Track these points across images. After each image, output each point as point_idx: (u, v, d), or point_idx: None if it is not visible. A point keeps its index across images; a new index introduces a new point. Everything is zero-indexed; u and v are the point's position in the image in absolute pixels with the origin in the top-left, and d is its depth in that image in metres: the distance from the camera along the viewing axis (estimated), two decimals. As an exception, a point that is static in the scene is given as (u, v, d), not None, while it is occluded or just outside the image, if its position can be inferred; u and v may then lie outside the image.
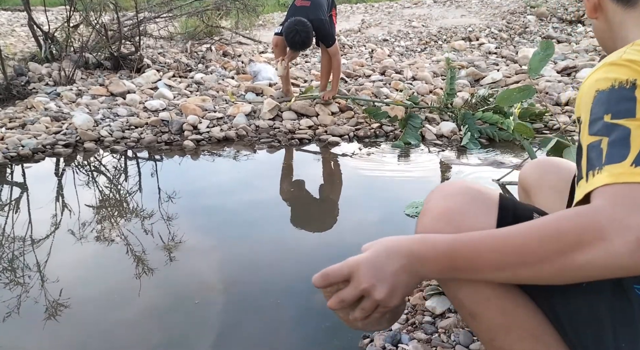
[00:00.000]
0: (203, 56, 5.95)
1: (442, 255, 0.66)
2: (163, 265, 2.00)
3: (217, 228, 2.37)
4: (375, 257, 0.68)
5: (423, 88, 4.49)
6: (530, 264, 0.61)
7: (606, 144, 0.61)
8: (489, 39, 7.43)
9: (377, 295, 0.67)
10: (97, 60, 5.31)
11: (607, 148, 0.61)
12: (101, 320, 1.66)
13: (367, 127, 3.79)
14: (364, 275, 0.68)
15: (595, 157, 0.62)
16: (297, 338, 1.56)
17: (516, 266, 0.62)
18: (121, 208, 2.67)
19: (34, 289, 1.84)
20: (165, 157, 3.37)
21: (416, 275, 0.67)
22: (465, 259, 0.65)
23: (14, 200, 2.71)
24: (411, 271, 0.67)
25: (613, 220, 0.56)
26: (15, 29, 8.42)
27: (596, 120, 0.64)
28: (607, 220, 0.56)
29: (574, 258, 0.58)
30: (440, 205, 0.75)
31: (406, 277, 0.67)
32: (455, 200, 0.75)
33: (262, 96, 4.32)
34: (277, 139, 3.62)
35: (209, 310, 1.70)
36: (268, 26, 8.90)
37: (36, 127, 3.58)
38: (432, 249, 0.66)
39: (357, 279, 0.68)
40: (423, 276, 0.68)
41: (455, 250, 0.65)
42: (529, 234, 0.61)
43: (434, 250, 0.66)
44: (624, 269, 0.56)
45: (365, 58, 6.28)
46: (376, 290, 0.67)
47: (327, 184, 3.04)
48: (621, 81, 0.64)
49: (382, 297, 0.67)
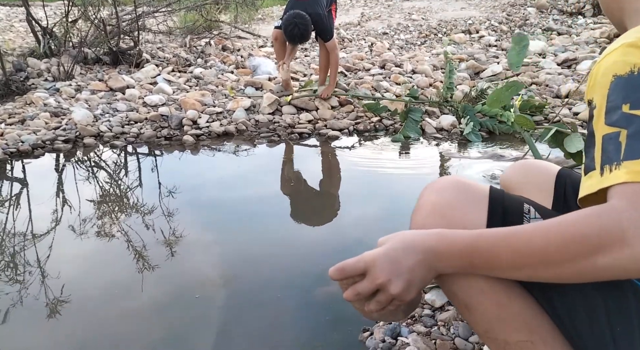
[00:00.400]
0: (202, 51, 5.94)
1: (460, 253, 0.66)
2: (163, 259, 2.01)
3: (217, 222, 2.38)
4: (392, 251, 0.68)
5: (423, 81, 4.48)
6: (551, 265, 0.60)
7: (625, 137, 0.58)
8: (489, 31, 7.40)
9: (392, 289, 0.67)
10: (96, 56, 5.30)
11: (626, 141, 0.58)
12: (102, 315, 1.66)
13: (367, 121, 3.78)
14: (381, 270, 0.68)
15: (613, 150, 0.59)
16: (298, 331, 1.56)
17: (536, 267, 0.62)
18: (121, 203, 2.67)
19: (35, 284, 1.85)
20: (165, 152, 3.37)
21: (432, 270, 0.67)
22: (483, 258, 0.65)
23: (15, 196, 2.71)
24: (428, 266, 0.67)
25: (636, 223, 0.55)
26: (14, 25, 8.40)
27: (614, 109, 0.60)
28: (630, 224, 0.55)
29: (596, 261, 0.57)
30: (431, 201, 0.75)
31: (422, 272, 0.67)
32: (445, 194, 0.75)
33: (261, 90, 4.31)
34: (276, 134, 3.61)
35: (209, 304, 1.71)
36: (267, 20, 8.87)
37: (36, 123, 3.58)
38: (450, 246, 0.66)
39: (374, 273, 0.68)
40: (439, 271, 0.68)
41: (474, 249, 0.65)
42: (551, 235, 0.60)
43: (452, 247, 0.66)
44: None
45: (365, 51, 6.26)
46: (392, 284, 0.67)
47: (327, 178, 3.04)
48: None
49: (398, 291, 0.67)
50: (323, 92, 3.95)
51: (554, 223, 0.61)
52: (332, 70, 3.96)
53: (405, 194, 2.48)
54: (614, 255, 0.56)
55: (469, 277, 0.70)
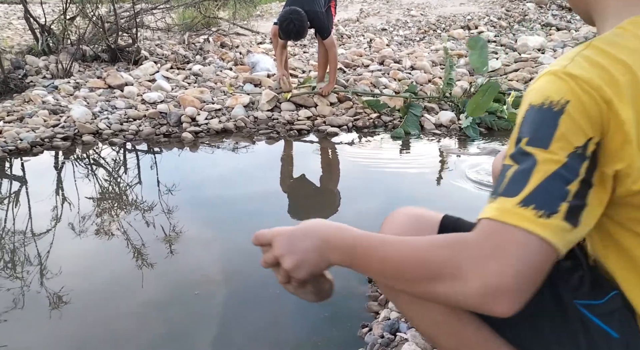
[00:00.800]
0: (201, 47, 5.92)
1: (345, 250, 0.68)
2: (163, 256, 2.01)
3: (216, 219, 2.38)
4: (295, 230, 0.73)
5: (422, 77, 4.48)
6: (403, 280, 0.63)
7: (512, 173, 0.58)
8: (488, 27, 7.39)
9: (285, 264, 0.72)
10: (95, 53, 5.29)
11: (510, 176, 0.58)
12: (102, 312, 1.67)
13: (366, 118, 3.78)
14: (280, 244, 0.73)
15: (500, 181, 0.59)
16: (297, 328, 1.57)
17: (393, 279, 0.64)
18: (120, 201, 2.68)
19: (35, 281, 1.85)
20: (164, 149, 3.37)
21: (325, 258, 0.70)
22: (359, 260, 0.67)
23: (14, 194, 2.71)
24: (320, 253, 0.70)
25: (474, 261, 0.56)
26: (12, 22, 8.37)
27: (518, 141, 0.59)
28: (469, 260, 0.56)
29: (435, 287, 0.59)
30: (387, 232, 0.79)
31: (314, 256, 0.70)
32: (396, 227, 0.79)
33: (260, 87, 4.31)
34: (275, 130, 3.61)
35: (209, 301, 1.71)
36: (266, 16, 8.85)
37: (34, 121, 3.58)
38: (340, 241, 0.69)
39: (274, 246, 0.74)
40: (331, 262, 0.70)
41: (354, 250, 0.67)
42: (406, 254, 0.62)
43: (341, 243, 0.69)
44: (476, 308, 0.57)
45: (364, 48, 6.25)
46: (285, 259, 0.72)
47: (326, 174, 3.04)
48: (552, 101, 0.58)
49: (289, 267, 0.71)
50: (323, 89, 3.95)
51: (417, 243, 0.63)
52: (331, 68, 3.95)
53: (404, 190, 2.49)
54: (449, 287, 0.57)
55: (421, 310, 0.74)
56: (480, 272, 0.55)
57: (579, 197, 0.56)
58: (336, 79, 4.07)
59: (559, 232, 0.55)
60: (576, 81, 0.57)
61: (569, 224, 0.55)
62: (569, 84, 0.57)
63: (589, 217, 0.57)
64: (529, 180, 0.56)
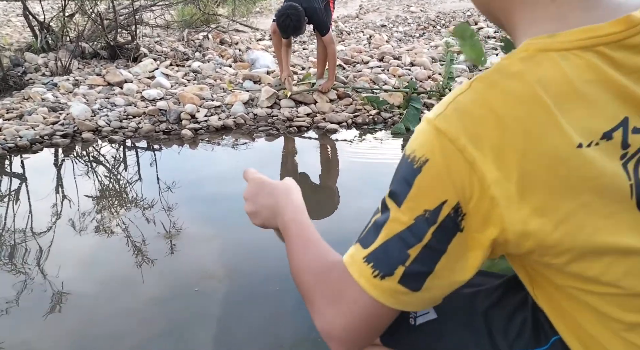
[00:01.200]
0: (200, 44, 5.91)
1: (282, 226, 0.75)
2: (163, 253, 2.01)
3: (216, 216, 2.38)
4: (265, 184, 0.81)
5: (421, 74, 4.47)
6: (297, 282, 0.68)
7: (373, 221, 0.59)
8: (488, 23, 7.37)
9: (245, 207, 0.82)
10: (94, 50, 5.28)
11: (370, 225, 0.59)
12: (102, 308, 1.67)
13: (366, 114, 3.78)
14: (248, 188, 0.82)
15: (365, 225, 0.60)
16: (297, 324, 1.57)
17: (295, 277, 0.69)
18: (120, 198, 2.68)
19: (36, 278, 1.86)
20: (164, 146, 3.37)
21: (273, 221, 0.78)
22: (286, 240, 0.73)
23: (14, 192, 2.71)
24: (272, 214, 0.78)
25: (322, 299, 0.61)
26: (11, 19, 8.37)
27: (388, 188, 0.58)
28: (320, 297, 0.61)
29: (311, 308, 0.63)
30: None
31: (267, 213, 0.78)
32: None
33: (260, 84, 4.30)
34: (275, 127, 3.61)
35: (209, 297, 1.72)
36: (265, 13, 8.83)
37: (34, 118, 3.58)
38: (283, 217, 0.75)
39: (247, 187, 0.83)
40: (277, 224, 0.77)
41: (284, 231, 0.74)
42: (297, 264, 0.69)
43: (282, 219, 0.75)
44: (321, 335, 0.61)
45: (364, 44, 6.24)
46: (246, 204, 0.82)
47: (326, 171, 3.04)
48: (415, 156, 0.54)
49: (247, 210, 0.82)
50: (323, 85, 3.94)
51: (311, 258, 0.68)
52: (330, 65, 3.94)
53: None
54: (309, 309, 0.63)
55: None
56: (320, 314, 0.60)
57: (420, 262, 0.54)
58: (335, 75, 4.06)
59: (392, 293, 0.55)
60: (440, 138, 0.51)
61: (404, 288, 0.55)
62: (433, 140, 0.52)
63: (440, 283, 0.55)
64: (378, 237, 0.56)
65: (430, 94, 3.99)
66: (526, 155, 0.49)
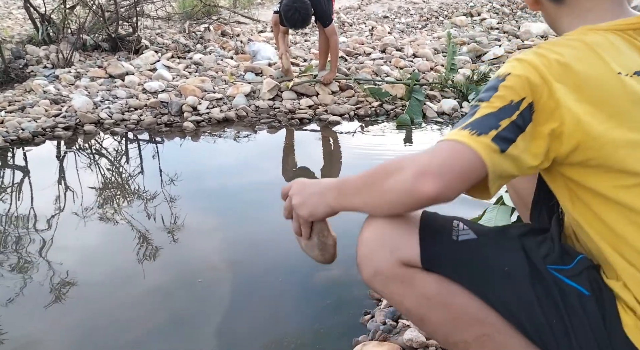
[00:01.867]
0: (201, 36, 5.89)
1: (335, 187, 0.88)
2: (166, 245, 2.01)
3: (219, 209, 2.38)
4: (307, 180, 0.94)
5: (424, 65, 4.45)
6: (367, 189, 0.81)
7: (461, 119, 0.77)
8: (491, 14, 7.33)
9: (293, 201, 0.93)
10: (95, 42, 5.27)
11: (461, 118, 0.77)
12: (106, 300, 1.68)
13: (368, 106, 3.76)
14: (294, 187, 0.94)
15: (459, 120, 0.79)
16: (300, 315, 1.58)
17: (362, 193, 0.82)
18: (123, 190, 2.68)
19: (40, 270, 1.86)
20: (166, 138, 3.36)
21: (323, 201, 0.89)
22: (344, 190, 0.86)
23: (16, 184, 2.72)
24: (320, 196, 0.89)
25: (415, 157, 0.74)
26: (12, 12, 8.34)
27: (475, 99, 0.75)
28: (413, 158, 0.75)
29: (388, 182, 0.76)
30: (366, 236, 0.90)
31: (316, 199, 0.90)
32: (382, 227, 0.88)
33: (261, 76, 4.29)
34: (277, 119, 3.60)
35: (212, 289, 1.72)
36: (267, 5, 8.78)
37: (35, 110, 3.57)
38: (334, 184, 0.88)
39: (291, 188, 0.94)
40: (327, 202, 0.88)
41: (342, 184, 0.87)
42: (372, 169, 0.81)
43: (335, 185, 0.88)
44: (411, 192, 0.73)
45: (366, 36, 6.21)
46: (294, 198, 0.93)
47: (328, 163, 3.04)
48: (500, 74, 0.76)
49: (295, 203, 0.92)
50: (325, 77, 3.92)
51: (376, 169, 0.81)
52: (332, 56, 3.93)
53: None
54: (396, 177, 0.75)
55: (414, 288, 0.83)
56: (416, 162, 0.73)
57: (508, 131, 0.71)
58: (337, 67, 4.05)
59: (485, 147, 0.70)
60: (521, 62, 0.75)
61: (495, 145, 0.71)
62: (515, 64, 0.75)
63: (518, 155, 0.72)
64: (472, 117, 0.74)
65: (432, 85, 3.98)
66: (582, 76, 0.72)
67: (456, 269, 0.82)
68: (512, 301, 0.78)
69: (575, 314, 0.76)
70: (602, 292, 0.77)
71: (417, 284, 0.82)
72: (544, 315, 0.77)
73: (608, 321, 0.75)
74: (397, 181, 0.74)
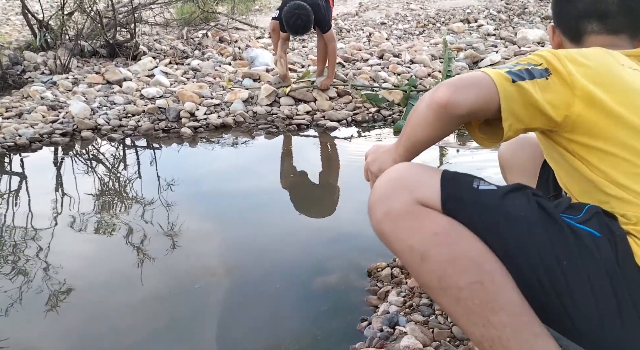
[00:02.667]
0: (199, 42, 5.90)
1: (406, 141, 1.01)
2: (164, 251, 2.01)
3: (216, 214, 2.38)
4: (378, 144, 1.14)
5: (421, 71, 4.46)
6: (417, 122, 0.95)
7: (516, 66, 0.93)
8: (488, 20, 7.36)
9: (367, 160, 1.13)
10: (93, 48, 5.27)
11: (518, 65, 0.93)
12: (104, 306, 1.67)
13: (365, 112, 3.77)
14: (371, 148, 1.15)
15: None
16: (297, 321, 1.57)
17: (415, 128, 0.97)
18: (120, 196, 2.67)
19: (37, 276, 1.85)
20: (163, 144, 3.36)
21: (392, 157, 1.04)
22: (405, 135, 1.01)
23: (14, 190, 2.71)
24: (389, 154, 1.06)
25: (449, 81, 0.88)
26: (10, 18, 8.35)
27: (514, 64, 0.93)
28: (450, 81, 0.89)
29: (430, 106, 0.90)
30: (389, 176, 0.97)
31: (386, 156, 1.06)
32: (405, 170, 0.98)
33: (259, 82, 4.30)
34: (275, 125, 3.60)
35: (209, 294, 1.72)
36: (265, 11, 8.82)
37: (33, 117, 3.57)
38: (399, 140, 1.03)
39: (369, 150, 1.15)
40: (394, 158, 1.04)
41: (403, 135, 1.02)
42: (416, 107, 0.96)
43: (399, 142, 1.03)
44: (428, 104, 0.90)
45: (363, 42, 6.22)
46: (368, 157, 1.13)
47: (326, 169, 3.04)
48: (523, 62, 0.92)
49: (368, 161, 1.12)
50: (322, 83, 3.93)
51: None
52: (330, 62, 3.93)
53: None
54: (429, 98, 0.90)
55: (422, 223, 0.87)
56: (433, 90, 0.90)
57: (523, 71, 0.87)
58: (335, 73, 4.06)
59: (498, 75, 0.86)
60: (540, 52, 0.91)
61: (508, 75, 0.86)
62: (539, 53, 0.91)
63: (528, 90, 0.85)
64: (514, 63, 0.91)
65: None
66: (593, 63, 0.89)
67: (473, 213, 0.86)
68: (524, 245, 0.84)
69: (589, 253, 0.82)
70: (614, 233, 0.84)
71: (429, 220, 0.87)
72: (556, 256, 0.82)
73: (621, 258, 0.81)
74: (423, 98, 0.91)
